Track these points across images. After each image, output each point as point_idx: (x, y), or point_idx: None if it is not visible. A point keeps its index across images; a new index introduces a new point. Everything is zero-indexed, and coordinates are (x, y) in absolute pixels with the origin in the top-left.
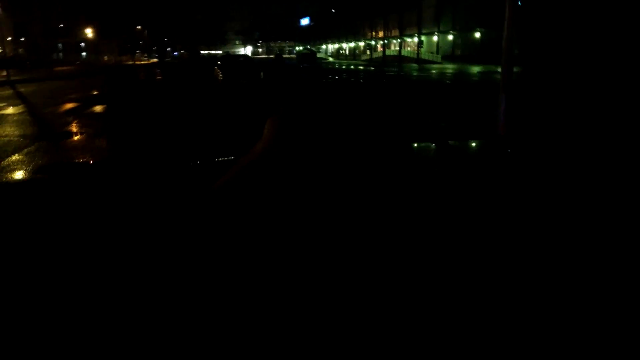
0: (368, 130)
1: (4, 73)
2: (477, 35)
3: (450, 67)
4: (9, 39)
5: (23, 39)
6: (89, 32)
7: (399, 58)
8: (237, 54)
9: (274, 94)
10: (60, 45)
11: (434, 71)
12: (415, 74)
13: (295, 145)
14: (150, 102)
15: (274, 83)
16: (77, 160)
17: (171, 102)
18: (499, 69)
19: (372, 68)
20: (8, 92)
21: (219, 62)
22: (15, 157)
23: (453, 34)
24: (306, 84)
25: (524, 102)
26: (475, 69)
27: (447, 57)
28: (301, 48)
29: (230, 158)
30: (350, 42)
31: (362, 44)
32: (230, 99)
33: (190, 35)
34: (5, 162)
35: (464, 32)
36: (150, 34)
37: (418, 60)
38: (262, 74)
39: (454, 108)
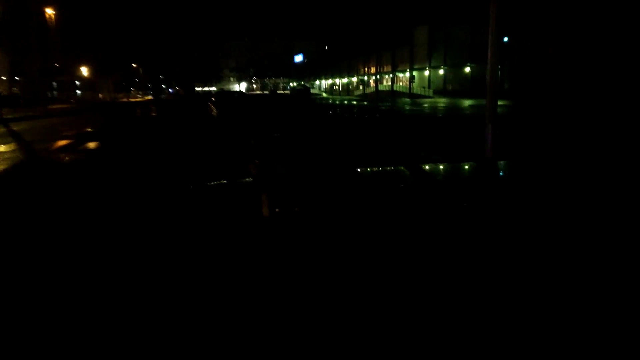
0: (362, 157)
1: None
2: (468, 70)
3: (441, 101)
4: (4, 78)
5: (18, 78)
6: (84, 71)
7: (392, 93)
8: (232, 90)
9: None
10: (54, 83)
11: (426, 105)
12: (407, 108)
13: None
14: (144, 138)
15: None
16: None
17: (164, 137)
18: None
19: (366, 103)
20: (1, 130)
21: (214, 98)
22: None
23: (444, 69)
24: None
25: (511, 131)
26: (467, 103)
27: (439, 92)
28: (295, 84)
29: (222, 182)
30: (344, 77)
31: (355, 79)
32: (223, 133)
33: (186, 72)
34: None
35: (455, 68)
36: (146, 71)
37: (410, 94)
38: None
39: (446, 136)
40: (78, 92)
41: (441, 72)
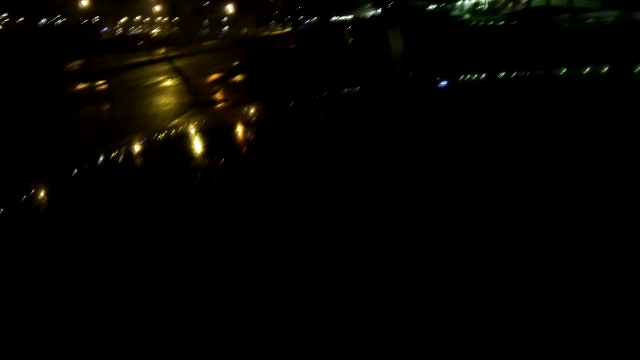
0: None
1: (163, 50)
2: None
3: (611, 15)
4: (165, 19)
5: (176, 18)
6: (229, 8)
7: (546, 8)
8: (367, 17)
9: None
10: (206, 22)
11: (589, 21)
12: (566, 25)
13: None
14: (284, 68)
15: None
16: None
17: (303, 65)
18: None
19: (514, 22)
20: (166, 67)
21: (349, 27)
22: (177, 120)
23: None
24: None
25: None
26: None
27: (608, 3)
28: (434, 6)
29: (356, 89)
30: None
31: None
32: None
33: (322, 2)
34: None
35: None
36: (284, 3)
37: (570, 9)
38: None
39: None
40: (225, 28)
41: None
